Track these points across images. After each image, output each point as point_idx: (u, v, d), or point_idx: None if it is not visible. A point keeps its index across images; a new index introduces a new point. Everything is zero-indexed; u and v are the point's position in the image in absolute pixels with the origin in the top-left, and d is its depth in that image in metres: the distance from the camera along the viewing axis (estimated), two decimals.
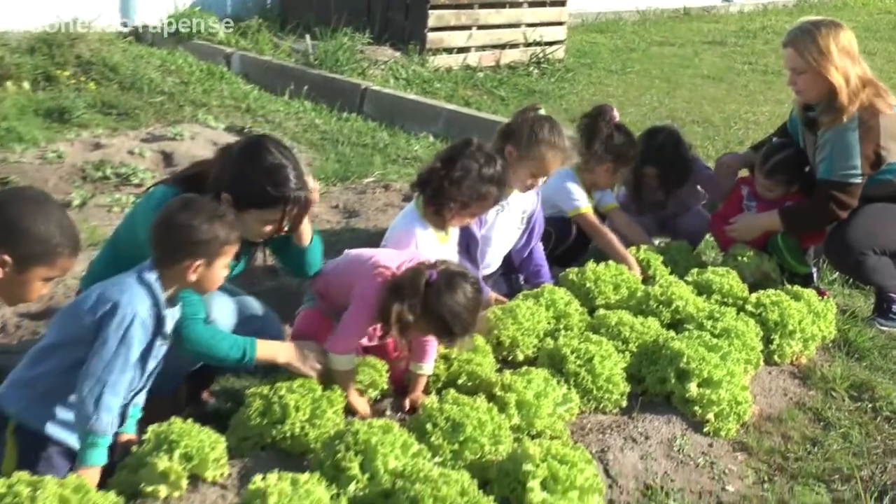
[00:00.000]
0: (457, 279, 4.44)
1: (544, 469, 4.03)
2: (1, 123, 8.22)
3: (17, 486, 3.56)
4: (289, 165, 4.48)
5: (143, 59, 10.54)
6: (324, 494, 3.71)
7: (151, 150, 8.17)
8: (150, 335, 4.03)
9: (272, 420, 4.32)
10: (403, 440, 4.11)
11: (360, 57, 11.87)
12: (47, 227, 3.46)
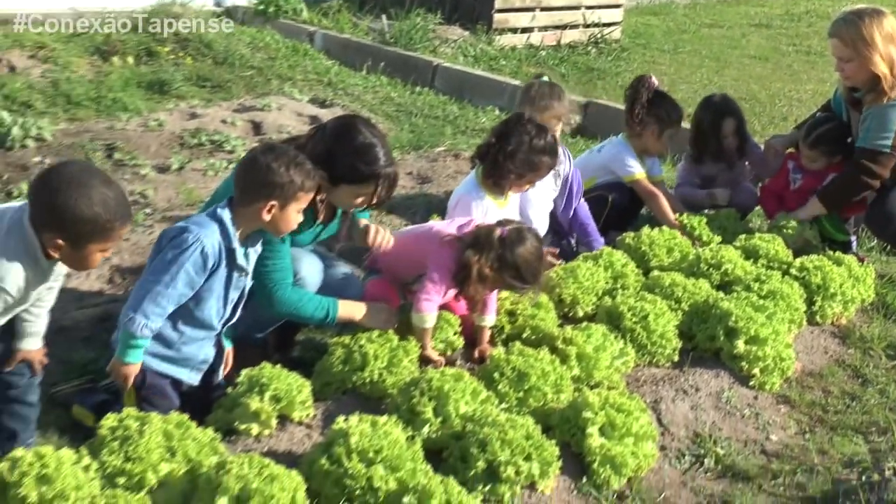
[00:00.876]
0: (524, 232, 4.53)
1: (602, 416, 4.04)
2: (108, 94, 8.28)
3: (127, 420, 3.61)
4: (378, 144, 4.49)
5: (235, 36, 10.55)
6: (400, 435, 3.72)
7: (242, 120, 8.20)
8: (223, 266, 4.07)
9: (353, 367, 4.35)
10: (473, 387, 4.12)
11: (432, 36, 11.84)
12: (91, 208, 3.41)
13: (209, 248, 3.96)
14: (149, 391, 4.07)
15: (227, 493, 3.31)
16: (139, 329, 3.90)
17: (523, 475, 3.73)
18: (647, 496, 3.97)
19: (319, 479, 3.56)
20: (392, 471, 3.55)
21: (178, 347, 4.15)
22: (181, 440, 3.58)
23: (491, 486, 3.70)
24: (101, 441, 3.56)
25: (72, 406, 4.32)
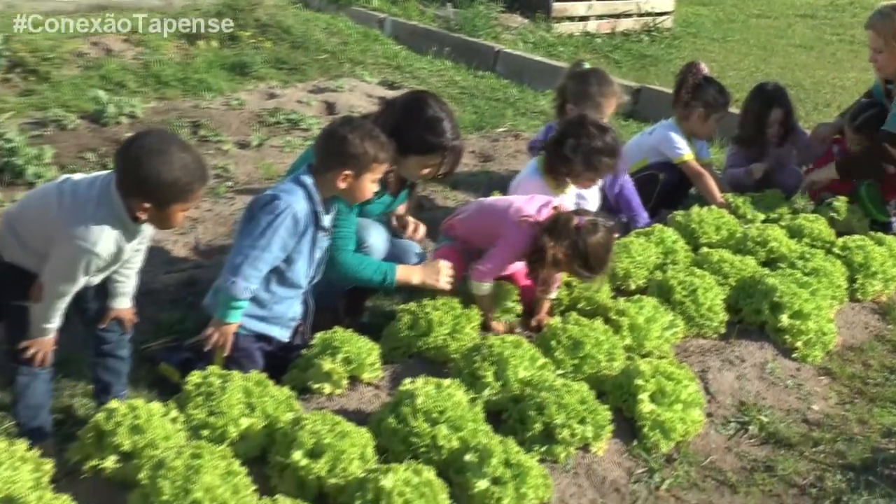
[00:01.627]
0: (598, 225, 4.47)
1: (653, 384, 4.01)
2: (194, 76, 8.34)
3: (211, 377, 3.65)
4: (446, 118, 4.49)
5: (311, 22, 10.57)
6: (463, 397, 3.72)
7: (317, 100, 8.22)
8: (311, 228, 4.11)
9: (419, 333, 4.35)
10: (531, 354, 4.11)
11: (494, 23, 11.79)
12: (172, 173, 3.42)
13: (300, 213, 4.02)
14: (239, 353, 4.11)
15: (302, 447, 3.33)
16: (241, 291, 3.98)
17: (578, 437, 3.72)
18: (693, 460, 3.95)
19: (387, 436, 3.57)
20: (455, 430, 3.55)
21: (271, 307, 4.20)
22: (260, 397, 3.62)
23: (547, 446, 3.70)
24: (187, 396, 3.61)
25: (159, 363, 4.36)
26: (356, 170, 4.04)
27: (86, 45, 8.70)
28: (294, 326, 4.34)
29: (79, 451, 3.42)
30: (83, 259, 3.48)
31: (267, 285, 4.15)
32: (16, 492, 3.01)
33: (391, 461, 3.39)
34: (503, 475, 3.35)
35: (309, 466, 3.28)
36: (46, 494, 2.96)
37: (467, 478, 3.37)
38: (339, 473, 3.28)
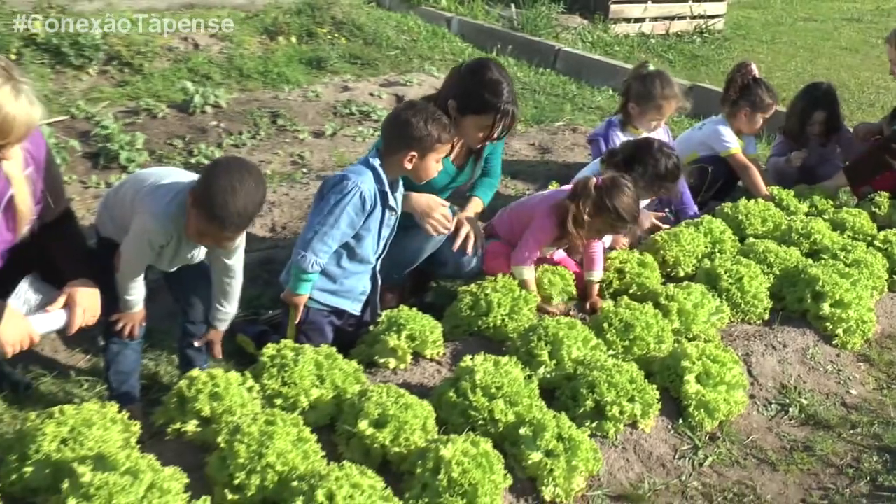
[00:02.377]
0: (617, 179, 4.50)
1: (699, 366, 3.98)
2: (274, 69, 8.38)
3: (284, 350, 3.68)
4: (505, 83, 4.46)
5: (383, 20, 10.57)
6: (519, 374, 3.71)
7: (387, 93, 8.22)
8: (378, 207, 4.11)
9: (479, 313, 4.34)
10: (584, 335, 4.08)
11: (554, 23, 11.72)
12: (228, 211, 3.42)
13: (366, 192, 4.02)
14: (309, 327, 4.13)
15: (368, 417, 3.33)
16: (310, 265, 4.01)
17: (626, 414, 3.70)
18: (735, 438, 3.92)
19: (447, 409, 3.57)
20: (511, 405, 3.54)
21: (342, 281, 4.22)
22: (329, 370, 3.63)
23: (597, 422, 3.68)
24: (262, 367, 3.63)
25: (237, 334, 4.40)
26: (420, 151, 4.04)
27: (175, 40, 8.76)
28: (364, 300, 4.34)
29: (163, 415, 3.47)
30: (146, 233, 3.52)
31: (338, 261, 4.17)
32: (107, 450, 3.05)
33: (451, 433, 3.39)
34: (556, 448, 3.35)
35: (374, 435, 3.29)
36: (134, 454, 2.99)
37: (522, 450, 3.36)
38: (402, 443, 3.28)
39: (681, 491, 3.56)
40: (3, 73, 3.06)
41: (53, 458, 3.03)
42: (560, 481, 3.32)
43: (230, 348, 4.29)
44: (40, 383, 3.98)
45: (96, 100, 7.16)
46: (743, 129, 6.42)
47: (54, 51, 7.64)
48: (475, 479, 3.06)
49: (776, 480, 3.71)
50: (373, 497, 2.92)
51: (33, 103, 3.11)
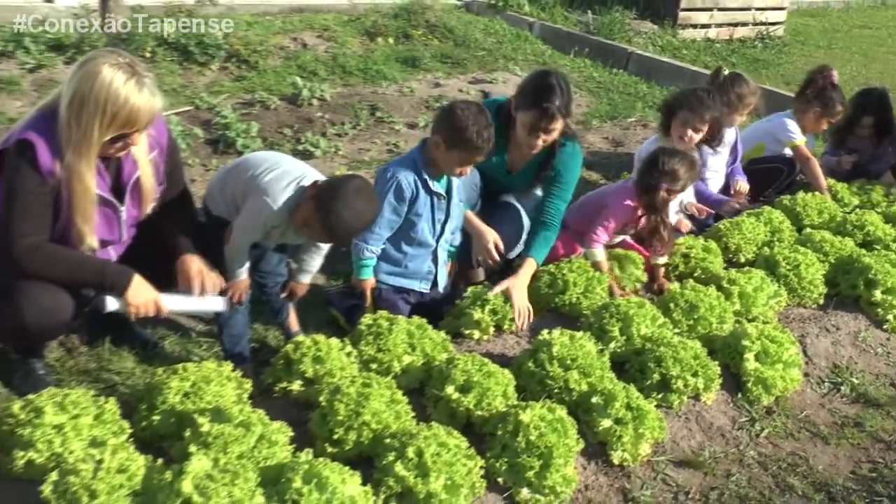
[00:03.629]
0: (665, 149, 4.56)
1: (758, 345, 3.91)
2: (373, 67, 8.37)
3: (380, 320, 3.69)
4: (558, 90, 4.19)
5: (471, 24, 10.49)
6: (592, 348, 3.67)
7: (474, 90, 8.17)
8: (422, 194, 4.04)
9: (556, 291, 4.29)
10: (653, 314, 4.02)
11: (627, 28, 11.54)
12: (340, 224, 3.42)
13: (404, 182, 3.98)
14: (383, 304, 4.11)
15: (454, 382, 3.32)
16: (361, 252, 4.02)
17: (690, 388, 3.65)
18: (790, 413, 3.83)
19: (526, 377, 3.55)
20: (584, 375, 3.51)
21: (406, 264, 4.19)
22: (420, 339, 3.63)
23: (663, 394, 3.63)
24: (360, 335, 3.64)
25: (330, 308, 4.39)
26: (448, 140, 3.90)
27: (287, 40, 8.80)
28: (432, 279, 4.29)
29: (271, 375, 3.50)
30: (264, 214, 3.52)
31: (398, 247, 4.14)
32: (222, 404, 3.10)
33: (528, 399, 3.38)
34: (624, 416, 3.31)
35: (459, 399, 3.28)
36: (246, 408, 3.01)
37: (593, 417, 3.33)
38: (484, 407, 3.27)
39: (738, 459, 3.49)
40: (128, 68, 3.11)
41: (177, 409, 3.09)
42: (628, 447, 3.28)
43: (324, 319, 4.30)
44: (165, 343, 4.03)
45: (217, 92, 7.22)
46: (808, 127, 6.26)
47: (182, 49, 7.73)
48: (551, 442, 3.04)
49: (827, 453, 3.62)
50: (457, 455, 2.91)
51: (154, 94, 3.16)
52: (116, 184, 3.38)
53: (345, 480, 2.70)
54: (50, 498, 2.58)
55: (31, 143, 3.14)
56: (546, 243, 4.39)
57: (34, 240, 3.20)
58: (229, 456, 2.75)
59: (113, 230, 3.43)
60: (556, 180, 4.46)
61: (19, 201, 3.17)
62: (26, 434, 2.83)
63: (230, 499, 2.54)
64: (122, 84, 3.07)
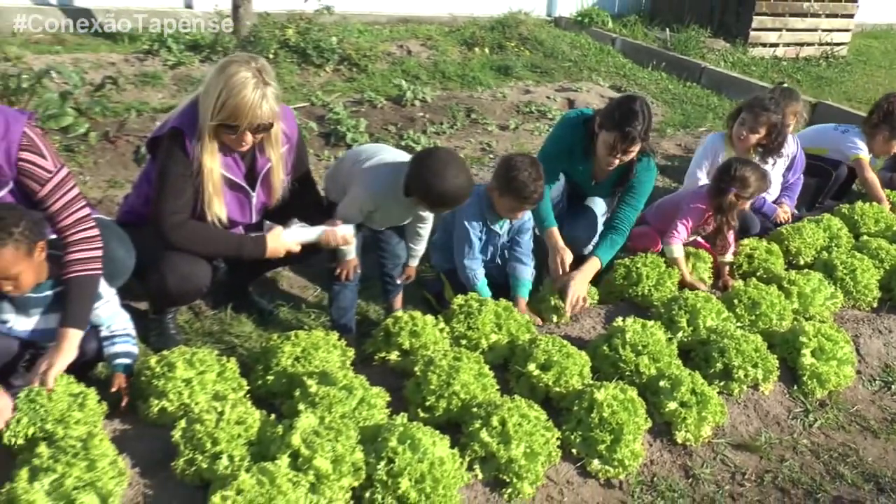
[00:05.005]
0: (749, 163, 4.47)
1: (815, 342, 3.79)
2: (469, 73, 8.33)
3: (470, 301, 3.68)
4: (640, 116, 4.03)
5: (559, 38, 10.37)
6: (662, 336, 3.60)
7: (560, 97, 8.07)
8: (484, 232, 4.00)
9: (630, 282, 4.22)
10: (718, 308, 3.93)
11: (701, 45, 11.27)
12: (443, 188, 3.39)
13: (474, 219, 3.97)
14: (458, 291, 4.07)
15: (536, 361, 3.29)
16: (474, 279, 3.99)
17: (750, 378, 3.55)
18: (842, 407, 3.71)
19: (600, 360, 3.50)
20: (654, 361, 3.45)
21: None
22: (506, 319, 3.61)
23: (725, 382, 3.55)
24: (452, 313, 3.63)
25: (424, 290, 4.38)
26: (502, 190, 3.83)
27: (393, 46, 8.82)
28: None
29: (372, 346, 3.51)
30: (358, 200, 3.52)
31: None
32: (328, 369, 3.12)
33: (602, 380, 3.33)
34: (689, 400, 3.25)
35: (539, 376, 3.25)
36: (349, 374, 3.03)
37: (661, 399, 3.27)
38: (562, 384, 3.23)
39: (792, 446, 3.39)
40: (256, 73, 3.13)
41: (289, 371, 3.12)
42: (691, 428, 3.22)
43: (418, 300, 4.29)
44: (280, 311, 4.08)
45: (330, 91, 7.27)
46: (876, 150, 5.96)
47: (301, 52, 7.80)
48: (622, 419, 3.00)
49: (877, 446, 3.49)
50: (537, 426, 2.89)
51: (267, 103, 3.14)
52: (250, 173, 3.43)
53: (435, 443, 2.70)
54: (179, 442, 2.64)
55: (181, 131, 3.22)
56: (613, 246, 4.27)
57: (180, 217, 3.27)
58: (333, 415, 2.77)
59: (245, 213, 3.49)
60: (631, 191, 4.35)
61: (169, 182, 3.24)
62: (160, 385, 2.90)
63: (333, 453, 2.56)
64: (243, 81, 3.10)
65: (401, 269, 3.99)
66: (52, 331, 3.00)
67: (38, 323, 3.02)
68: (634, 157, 4.22)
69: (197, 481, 2.59)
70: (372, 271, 4.09)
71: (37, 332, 3.03)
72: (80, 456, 2.45)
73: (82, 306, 2.98)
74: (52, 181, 2.93)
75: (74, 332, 2.92)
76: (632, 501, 2.94)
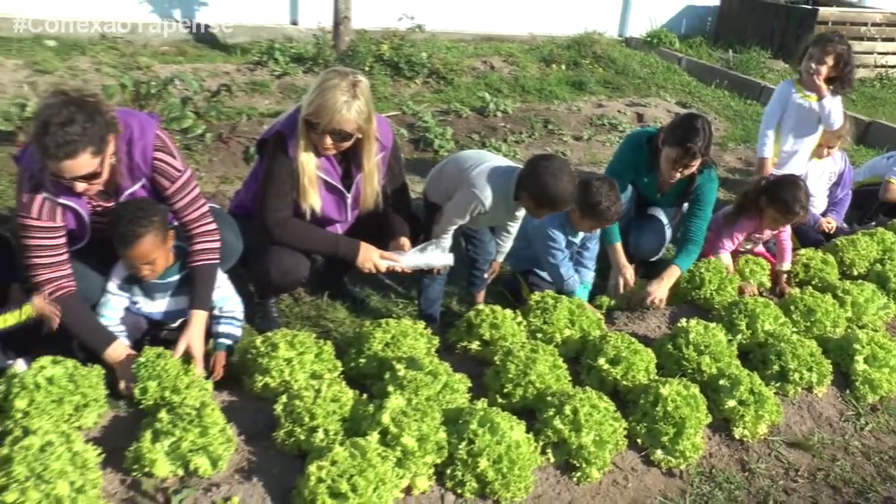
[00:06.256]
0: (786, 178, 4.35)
1: (868, 350, 3.65)
2: (547, 87, 8.25)
3: (546, 298, 3.64)
4: (701, 133, 3.94)
5: (630, 56, 10.19)
6: (723, 337, 3.51)
7: (630, 111, 7.93)
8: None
9: (694, 286, 4.13)
10: (775, 313, 3.81)
11: (762, 66, 10.97)
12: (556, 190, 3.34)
13: (560, 253, 3.92)
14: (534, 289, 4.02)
15: (606, 355, 3.25)
16: (572, 284, 3.92)
17: (804, 381, 3.44)
18: (893, 412, 3.55)
19: (664, 357, 3.43)
20: (715, 360, 3.37)
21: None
22: (579, 316, 3.56)
23: (780, 383, 3.44)
24: (529, 309, 3.60)
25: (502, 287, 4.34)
26: (582, 210, 3.76)
27: (477, 62, 8.79)
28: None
29: (455, 335, 3.50)
30: (473, 202, 3.47)
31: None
32: (416, 354, 3.12)
33: (665, 376, 3.27)
34: (747, 399, 3.16)
35: (609, 370, 3.20)
36: (434, 360, 3.03)
37: (720, 397, 3.19)
38: (629, 378, 3.18)
39: (843, 447, 3.27)
40: (350, 85, 3.13)
41: (379, 355, 3.13)
42: (748, 425, 3.13)
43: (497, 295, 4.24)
44: (371, 300, 4.10)
45: (420, 101, 7.29)
46: None
47: (394, 66, 7.84)
48: (684, 414, 2.93)
49: None
50: (606, 416, 2.85)
51: (349, 111, 3.12)
52: (347, 178, 3.45)
53: (512, 427, 2.68)
54: (280, 415, 2.67)
55: (285, 134, 3.25)
56: (690, 256, 4.17)
57: (282, 214, 3.31)
58: (420, 397, 2.77)
59: (341, 212, 3.50)
60: (697, 204, 4.23)
61: (273, 182, 3.28)
62: (264, 363, 2.94)
63: (419, 432, 2.56)
64: (334, 86, 3.11)
65: (489, 264, 3.96)
66: (176, 312, 3.10)
67: (168, 305, 3.12)
68: (696, 170, 4.13)
69: (295, 451, 2.62)
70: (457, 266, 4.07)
71: (166, 313, 3.13)
72: (194, 423, 2.50)
73: (206, 291, 3.08)
74: (181, 179, 3.00)
75: (201, 313, 3.04)
76: (691, 490, 2.88)
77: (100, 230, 2.96)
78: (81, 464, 2.30)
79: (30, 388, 2.58)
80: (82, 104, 2.62)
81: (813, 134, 5.14)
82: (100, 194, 2.90)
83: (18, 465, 2.21)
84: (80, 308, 2.92)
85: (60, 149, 2.57)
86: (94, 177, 2.72)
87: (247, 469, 2.55)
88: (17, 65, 6.54)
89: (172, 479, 2.45)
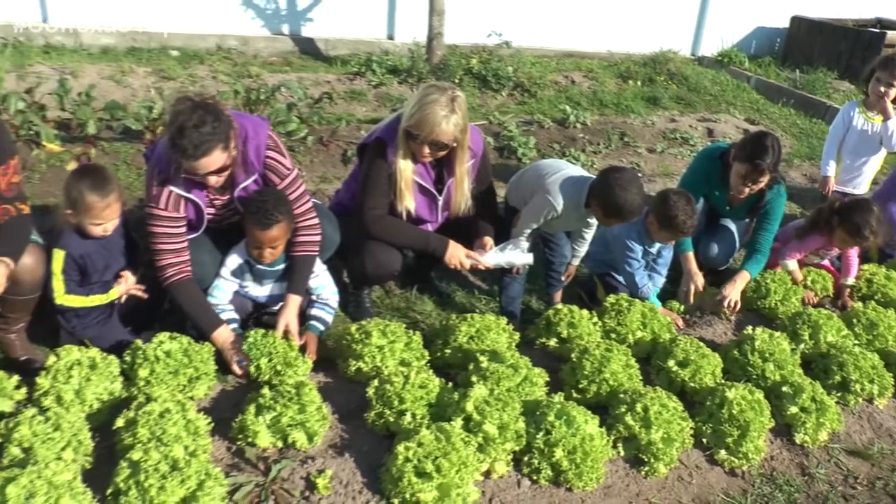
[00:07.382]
0: (860, 202, 4.14)
1: None
2: (623, 102, 8.11)
3: (620, 300, 3.58)
4: (770, 151, 3.82)
5: (702, 74, 9.93)
6: (786, 346, 3.41)
7: (701, 127, 7.73)
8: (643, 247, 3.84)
9: (759, 295, 4.01)
10: (838, 325, 3.67)
11: (828, 86, 10.52)
12: (623, 200, 3.27)
13: (636, 263, 3.82)
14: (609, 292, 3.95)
15: (675, 358, 3.18)
16: (647, 292, 3.81)
17: (866, 392, 3.31)
18: None
19: (730, 362, 3.34)
20: (778, 368, 3.26)
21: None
22: (650, 319, 3.50)
23: (842, 393, 3.32)
24: (605, 310, 3.55)
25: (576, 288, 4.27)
26: (660, 222, 3.68)
27: (559, 76, 8.69)
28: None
29: (534, 332, 3.48)
30: (546, 208, 3.46)
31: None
32: (498, 348, 3.12)
33: (731, 381, 3.18)
34: (809, 407, 3.05)
35: (677, 372, 3.14)
36: (515, 354, 3.02)
37: (783, 403, 3.09)
38: (697, 381, 3.11)
39: None
40: (449, 101, 3.14)
41: (464, 347, 3.13)
42: (810, 432, 3.02)
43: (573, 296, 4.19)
44: (456, 295, 4.10)
45: (505, 112, 7.25)
46: None
47: (482, 78, 7.82)
48: (749, 417, 2.85)
49: None
50: (674, 415, 2.79)
51: (447, 124, 3.13)
52: (439, 182, 3.46)
53: (587, 420, 2.65)
54: (372, 397, 2.71)
55: (385, 141, 3.28)
56: (758, 264, 4.06)
57: (379, 212, 3.34)
58: (501, 388, 2.77)
59: (432, 213, 3.52)
60: (766, 217, 4.10)
61: (371, 183, 3.32)
62: (358, 349, 2.98)
63: (500, 420, 2.56)
64: (434, 101, 3.12)
65: (565, 266, 3.92)
66: (279, 296, 3.18)
67: (272, 290, 3.20)
68: (765, 186, 3.99)
69: (384, 431, 2.65)
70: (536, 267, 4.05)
71: (270, 296, 3.21)
72: (293, 400, 2.56)
73: (303, 278, 3.15)
74: (289, 177, 3.06)
75: (296, 298, 3.11)
76: (752, 490, 2.80)
77: (213, 221, 3.06)
78: (194, 430, 2.38)
79: (151, 360, 2.67)
80: (207, 106, 2.70)
81: (874, 155, 4.93)
82: (217, 188, 2.99)
83: (142, 427, 2.31)
84: (195, 292, 3.01)
85: (197, 149, 2.66)
86: (224, 170, 2.82)
87: (339, 445, 2.59)
88: (146, 72, 6.78)
89: (272, 450, 2.51)
